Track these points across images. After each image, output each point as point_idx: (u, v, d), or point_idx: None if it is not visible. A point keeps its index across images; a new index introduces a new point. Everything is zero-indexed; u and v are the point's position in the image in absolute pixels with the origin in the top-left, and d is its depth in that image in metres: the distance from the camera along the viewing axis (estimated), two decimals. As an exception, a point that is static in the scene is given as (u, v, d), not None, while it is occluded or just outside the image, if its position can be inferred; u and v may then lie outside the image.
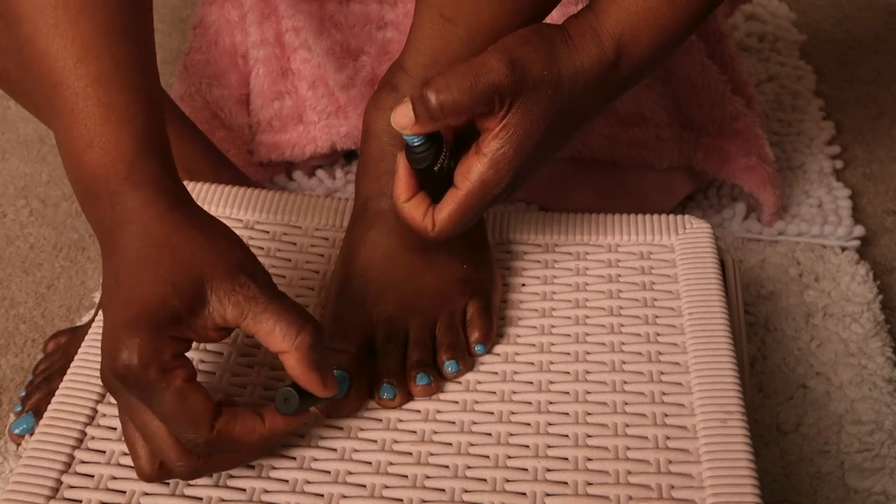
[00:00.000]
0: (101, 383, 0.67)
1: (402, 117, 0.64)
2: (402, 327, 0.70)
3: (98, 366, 0.67)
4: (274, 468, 0.63)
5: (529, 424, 0.66)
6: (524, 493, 0.61)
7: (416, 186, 0.68)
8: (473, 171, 0.66)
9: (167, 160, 0.62)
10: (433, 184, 0.68)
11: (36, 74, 0.62)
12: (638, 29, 0.66)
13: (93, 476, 0.62)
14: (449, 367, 0.69)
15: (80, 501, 0.61)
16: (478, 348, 0.71)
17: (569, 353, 0.71)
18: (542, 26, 0.67)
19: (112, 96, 0.60)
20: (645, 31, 0.66)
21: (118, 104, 0.60)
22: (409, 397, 0.68)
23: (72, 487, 0.62)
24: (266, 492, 0.62)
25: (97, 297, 0.99)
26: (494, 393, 0.68)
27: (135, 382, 0.57)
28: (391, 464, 0.63)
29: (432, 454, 0.64)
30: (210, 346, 0.70)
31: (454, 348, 0.70)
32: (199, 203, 0.81)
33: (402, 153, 0.67)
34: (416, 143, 0.65)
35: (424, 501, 0.61)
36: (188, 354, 0.59)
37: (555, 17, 1.03)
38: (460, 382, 0.69)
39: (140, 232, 0.59)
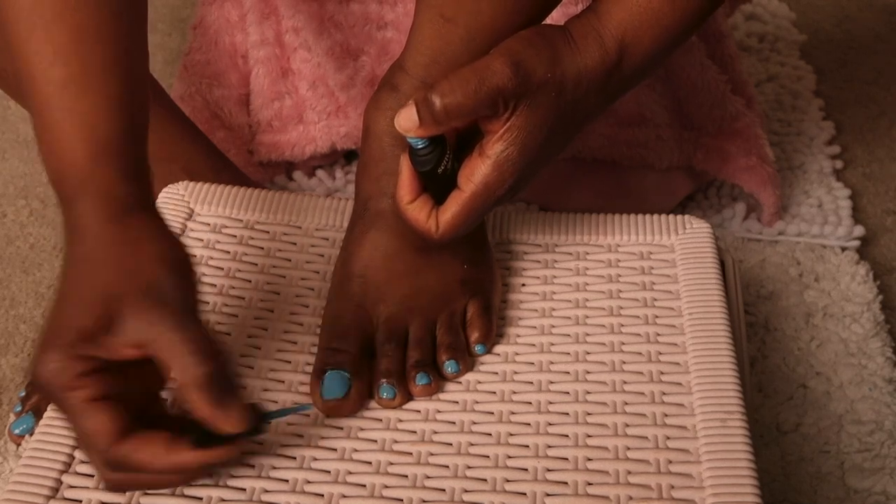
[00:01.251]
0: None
1: (406, 120, 0.64)
2: (401, 327, 0.70)
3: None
4: (274, 468, 0.63)
5: (529, 424, 0.66)
6: (524, 493, 0.61)
7: (419, 188, 0.68)
8: (477, 173, 0.66)
9: (129, 165, 0.61)
10: (436, 185, 0.67)
11: (18, 76, 0.62)
12: (640, 29, 0.66)
13: (93, 476, 0.62)
14: (449, 367, 0.69)
15: (80, 501, 0.61)
16: (478, 348, 0.71)
17: (569, 353, 0.71)
18: (544, 28, 0.67)
19: (74, 102, 0.60)
20: (647, 32, 0.66)
21: (79, 110, 0.60)
22: (409, 397, 0.68)
23: (72, 487, 0.61)
24: (266, 491, 0.62)
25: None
26: (494, 393, 0.68)
27: (47, 394, 0.58)
28: (391, 464, 0.63)
29: (432, 454, 0.64)
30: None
31: (454, 348, 0.70)
32: (199, 203, 0.81)
33: (405, 155, 0.67)
34: (419, 146, 0.65)
35: (424, 501, 0.61)
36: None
37: (556, 17, 1.03)
38: (460, 382, 0.69)
39: (76, 244, 0.59)
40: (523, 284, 0.77)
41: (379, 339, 0.70)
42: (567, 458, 0.63)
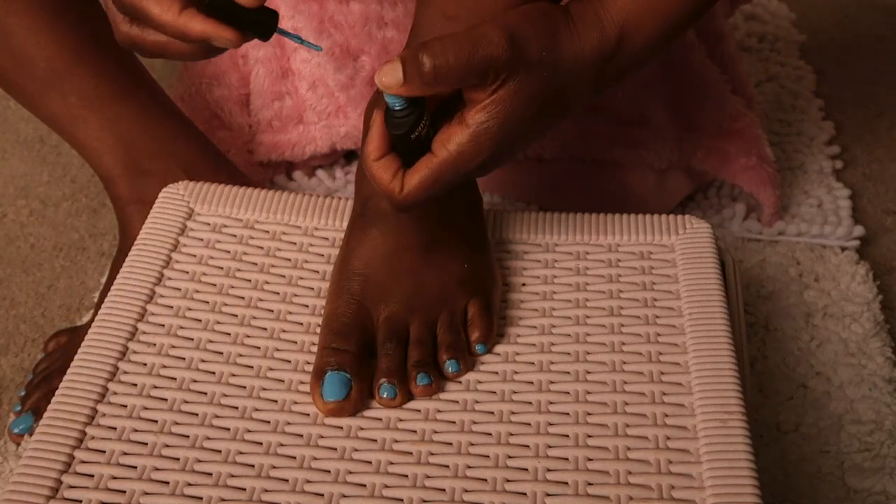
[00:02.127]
0: (101, 383, 0.67)
1: (389, 76, 0.61)
2: (402, 327, 0.70)
3: (98, 366, 0.68)
4: (274, 468, 0.63)
5: (530, 424, 0.66)
6: (524, 493, 0.61)
7: (388, 146, 0.65)
8: (453, 140, 0.63)
9: None
10: (406, 149, 0.65)
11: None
12: (642, 18, 0.65)
13: (92, 476, 0.62)
14: (450, 366, 0.69)
15: (80, 501, 0.61)
16: (478, 348, 0.71)
17: (569, 353, 0.71)
18: (545, 5, 0.65)
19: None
20: (649, 21, 0.65)
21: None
22: (410, 396, 0.68)
23: (71, 487, 0.61)
24: (266, 491, 0.62)
25: (97, 296, 0.99)
26: (495, 393, 0.68)
27: None
28: (391, 463, 0.63)
29: (432, 454, 0.64)
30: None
31: (455, 348, 0.70)
32: (199, 203, 0.81)
33: (378, 111, 0.64)
34: (397, 108, 0.62)
35: (424, 501, 0.61)
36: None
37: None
38: (461, 382, 0.69)
39: None
40: (523, 284, 0.77)
41: (379, 339, 0.70)
42: (567, 459, 0.63)
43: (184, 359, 0.69)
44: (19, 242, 1.07)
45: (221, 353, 0.70)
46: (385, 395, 0.67)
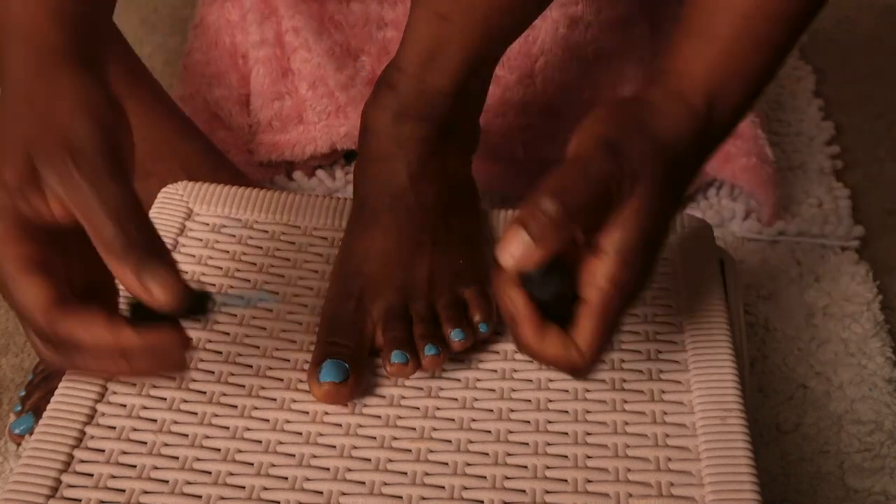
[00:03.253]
0: (100, 383, 0.67)
1: (517, 247, 0.55)
2: (403, 310, 0.70)
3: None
4: (273, 465, 0.63)
5: (528, 422, 0.66)
6: (523, 491, 0.61)
7: (542, 321, 0.59)
8: (600, 274, 0.58)
9: (70, 16, 0.57)
10: (551, 307, 0.59)
11: None
12: (727, 79, 0.62)
13: (92, 475, 0.62)
14: (455, 335, 0.68)
15: (80, 500, 0.61)
16: (481, 327, 0.69)
17: (568, 352, 0.71)
18: (621, 105, 0.62)
19: None
20: (734, 80, 0.62)
21: None
22: (419, 366, 0.67)
23: (71, 486, 0.61)
24: (265, 489, 0.62)
25: (97, 297, 0.99)
26: (493, 390, 0.68)
27: None
28: (390, 461, 0.63)
29: (432, 451, 0.64)
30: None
31: (458, 319, 0.68)
32: (198, 203, 0.81)
33: (515, 290, 0.58)
34: (539, 275, 0.56)
35: (424, 498, 0.61)
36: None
37: (556, 16, 1.03)
38: (459, 380, 0.69)
39: (2, 94, 0.55)
40: (523, 283, 0.77)
41: (382, 326, 0.69)
42: (566, 456, 0.63)
43: (183, 358, 0.69)
44: (19, 243, 1.07)
45: (220, 353, 0.70)
46: (396, 361, 0.66)
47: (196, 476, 0.62)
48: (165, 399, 0.66)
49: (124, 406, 0.66)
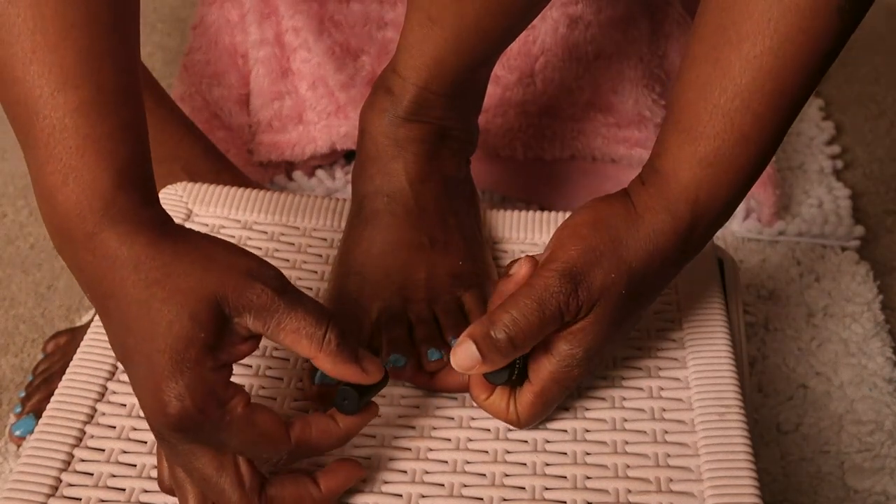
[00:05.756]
0: (100, 382, 0.67)
1: (465, 359, 0.60)
2: (401, 312, 0.70)
3: (97, 365, 0.68)
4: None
5: (528, 420, 0.66)
6: (523, 488, 0.61)
7: (490, 386, 0.65)
8: (543, 369, 0.63)
9: (149, 189, 0.58)
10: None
11: (12, 103, 0.57)
12: (715, 181, 0.61)
13: (92, 474, 0.62)
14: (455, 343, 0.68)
15: (80, 500, 0.61)
16: None
17: (567, 350, 0.71)
18: (604, 215, 0.62)
19: (91, 128, 0.55)
20: (722, 180, 0.61)
21: (97, 135, 0.55)
22: (419, 368, 0.67)
23: (71, 486, 0.61)
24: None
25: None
26: (493, 389, 0.68)
27: (198, 428, 0.54)
28: (390, 459, 0.63)
29: (431, 450, 0.64)
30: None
31: (458, 326, 0.68)
32: (197, 204, 0.81)
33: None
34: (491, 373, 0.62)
35: (423, 496, 0.61)
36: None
37: (556, 16, 1.03)
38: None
39: (130, 273, 0.55)
40: (522, 283, 0.77)
41: (381, 327, 0.69)
42: (566, 453, 0.63)
43: (183, 357, 0.69)
44: (19, 242, 1.07)
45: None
46: (395, 363, 0.66)
47: (196, 475, 0.62)
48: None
49: (124, 405, 0.66)
